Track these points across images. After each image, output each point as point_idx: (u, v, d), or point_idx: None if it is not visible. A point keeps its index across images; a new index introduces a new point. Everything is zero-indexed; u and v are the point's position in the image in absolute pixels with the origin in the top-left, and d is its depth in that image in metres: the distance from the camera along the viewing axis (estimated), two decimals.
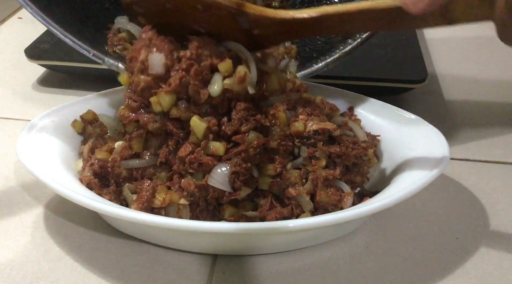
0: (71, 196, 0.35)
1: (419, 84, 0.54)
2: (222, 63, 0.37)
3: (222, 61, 0.37)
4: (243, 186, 0.37)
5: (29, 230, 0.41)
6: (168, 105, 0.38)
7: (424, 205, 0.43)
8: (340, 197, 0.37)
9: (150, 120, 0.38)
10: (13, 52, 0.67)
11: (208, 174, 0.37)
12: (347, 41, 0.48)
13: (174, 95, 0.38)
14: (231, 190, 0.37)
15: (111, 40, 0.47)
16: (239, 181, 0.37)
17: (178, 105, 0.38)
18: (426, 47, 0.70)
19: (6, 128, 0.54)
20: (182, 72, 0.37)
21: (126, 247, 0.39)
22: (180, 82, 0.37)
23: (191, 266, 0.38)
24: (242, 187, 0.37)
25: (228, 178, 0.37)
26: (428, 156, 0.39)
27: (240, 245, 0.38)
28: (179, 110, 0.38)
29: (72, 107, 0.45)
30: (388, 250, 0.39)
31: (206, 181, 0.37)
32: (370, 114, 0.46)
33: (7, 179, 0.46)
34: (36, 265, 0.38)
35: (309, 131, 0.38)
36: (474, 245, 0.40)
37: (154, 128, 0.39)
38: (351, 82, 0.54)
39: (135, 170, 0.39)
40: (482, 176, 0.47)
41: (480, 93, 0.60)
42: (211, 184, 0.37)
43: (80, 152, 0.42)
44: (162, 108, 0.38)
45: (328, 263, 0.38)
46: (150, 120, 0.38)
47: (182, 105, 0.38)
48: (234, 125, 0.38)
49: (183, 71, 0.37)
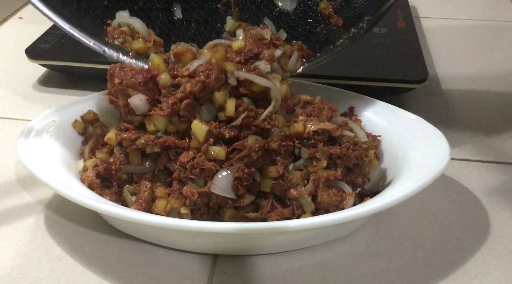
0: (72, 196, 0.35)
1: (420, 85, 0.54)
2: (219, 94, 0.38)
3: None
4: (246, 192, 0.37)
5: (30, 230, 0.41)
6: (163, 127, 0.39)
7: (425, 205, 0.43)
8: (341, 197, 0.37)
9: (149, 143, 0.38)
10: (14, 52, 0.68)
11: (210, 179, 0.37)
12: (350, 30, 0.47)
13: (168, 118, 0.39)
14: (235, 197, 0.37)
15: (112, 33, 0.46)
16: (242, 187, 0.37)
17: (171, 121, 0.39)
18: (426, 47, 0.70)
19: (6, 128, 0.54)
20: (175, 99, 0.38)
21: (127, 247, 0.39)
22: (172, 109, 0.38)
23: (191, 266, 0.38)
24: (246, 195, 0.37)
25: (231, 184, 0.36)
26: (429, 156, 0.39)
27: (241, 245, 0.38)
28: (174, 125, 0.39)
29: (73, 107, 0.45)
30: (389, 250, 0.39)
31: (209, 188, 0.37)
32: (370, 115, 0.45)
33: (7, 179, 0.46)
34: (36, 265, 0.38)
35: (308, 132, 0.38)
36: (475, 245, 0.40)
37: (152, 151, 0.39)
38: (352, 83, 0.54)
39: (135, 174, 0.40)
40: (482, 176, 0.47)
41: (481, 94, 0.60)
42: (214, 191, 0.36)
43: (81, 152, 0.42)
44: (157, 128, 0.39)
45: (329, 263, 0.38)
46: (148, 143, 0.38)
47: (175, 119, 0.39)
48: (234, 131, 0.38)
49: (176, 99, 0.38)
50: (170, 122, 0.39)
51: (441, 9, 0.83)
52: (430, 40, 0.72)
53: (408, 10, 0.71)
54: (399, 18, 0.68)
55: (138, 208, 0.38)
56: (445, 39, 0.73)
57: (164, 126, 0.39)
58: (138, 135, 0.39)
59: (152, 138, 0.38)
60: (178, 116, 0.39)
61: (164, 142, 0.38)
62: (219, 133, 0.38)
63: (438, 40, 0.72)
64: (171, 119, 0.39)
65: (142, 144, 0.38)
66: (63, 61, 0.58)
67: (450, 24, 0.78)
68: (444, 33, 0.74)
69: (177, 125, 0.39)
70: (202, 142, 0.37)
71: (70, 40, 0.60)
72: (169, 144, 0.38)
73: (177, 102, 0.38)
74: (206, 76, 0.38)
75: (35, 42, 0.61)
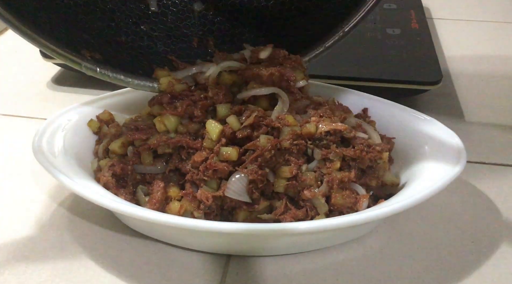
0: (90, 196, 0.35)
1: (434, 86, 0.54)
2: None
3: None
4: (261, 197, 0.37)
5: (45, 228, 0.41)
6: (174, 126, 0.39)
7: (439, 208, 0.43)
8: (355, 199, 0.37)
9: (161, 143, 0.39)
10: (28, 51, 0.68)
11: (223, 181, 0.37)
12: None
13: (179, 118, 0.40)
14: (250, 200, 0.37)
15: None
16: (257, 190, 0.37)
17: (182, 123, 0.40)
18: (440, 48, 0.69)
19: (21, 127, 0.54)
20: (189, 101, 0.40)
21: (141, 246, 0.39)
22: (186, 108, 0.39)
23: (204, 266, 0.38)
24: (261, 200, 0.37)
25: (246, 188, 0.36)
26: (444, 159, 0.39)
27: (254, 246, 0.38)
28: (184, 126, 0.39)
29: (88, 106, 0.45)
30: (403, 253, 0.39)
31: (223, 192, 0.37)
32: (384, 116, 0.45)
33: (22, 178, 0.47)
34: (51, 263, 0.38)
35: (320, 133, 0.38)
36: (490, 249, 0.39)
37: (164, 152, 0.39)
38: (365, 84, 0.54)
39: (148, 174, 0.40)
40: (497, 179, 0.47)
41: (496, 95, 0.59)
42: (228, 195, 0.36)
43: (95, 151, 0.43)
44: (167, 129, 0.39)
45: (342, 265, 0.38)
46: (160, 143, 0.39)
47: (185, 120, 0.40)
48: (246, 131, 0.38)
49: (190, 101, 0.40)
50: (181, 123, 0.40)
51: (455, 10, 0.82)
52: (444, 42, 0.71)
53: (421, 11, 0.70)
54: (413, 19, 0.67)
55: (151, 207, 0.38)
56: (459, 40, 0.72)
57: (175, 126, 0.39)
58: (149, 135, 0.40)
59: (164, 139, 0.39)
60: (188, 118, 0.40)
61: (177, 142, 0.39)
62: (232, 133, 0.38)
63: (452, 41, 0.72)
64: (181, 121, 0.40)
65: (154, 144, 0.39)
66: None
67: (464, 25, 0.77)
68: (458, 35, 0.74)
69: (187, 126, 0.39)
70: (215, 140, 0.38)
71: None
72: (182, 144, 0.39)
73: (191, 104, 0.39)
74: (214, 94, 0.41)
75: None
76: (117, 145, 0.40)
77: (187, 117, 0.40)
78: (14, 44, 0.71)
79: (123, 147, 0.40)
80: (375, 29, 0.64)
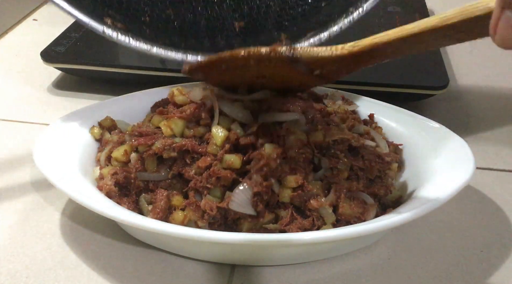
0: (92, 205, 0.35)
1: (440, 91, 0.53)
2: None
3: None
4: (266, 209, 0.36)
5: (45, 237, 0.40)
6: (180, 130, 0.39)
7: (448, 216, 0.42)
8: (363, 209, 0.36)
9: (166, 147, 0.38)
10: (29, 55, 0.67)
11: (227, 189, 0.37)
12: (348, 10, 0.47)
13: (186, 121, 0.39)
14: (255, 213, 0.36)
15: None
16: (262, 202, 0.36)
17: (187, 126, 0.39)
18: (447, 53, 0.68)
19: (22, 132, 0.53)
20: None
21: (144, 256, 0.39)
22: (194, 112, 0.39)
23: (208, 275, 0.37)
24: (266, 213, 0.36)
25: (250, 201, 0.36)
26: (453, 166, 0.38)
27: (259, 256, 0.38)
28: (190, 130, 0.39)
29: (90, 111, 0.44)
30: (411, 263, 0.38)
31: (227, 204, 0.36)
32: (391, 122, 0.45)
33: (23, 185, 0.46)
34: (52, 273, 0.37)
35: (328, 141, 0.38)
36: (500, 258, 0.39)
37: (169, 156, 0.38)
38: (370, 88, 0.53)
39: (151, 182, 0.39)
40: (506, 186, 0.46)
41: (503, 100, 0.59)
42: (232, 208, 0.36)
43: (97, 159, 0.42)
44: (174, 132, 0.39)
45: (349, 275, 0.37)
46: (165, 147, 0.38)
47: (192, 124, 0.39)
48: (250, 139, 0.37)
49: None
50: (187, 127, 0.39)
51: None
52: (450, 46, 0.70)
53: (427, 15, 0.69)
54: None
55: (154, 217, 0.37)
56: (465, 44, 0.71)
57: (182, 130, 0.39)
58: (154, 141, 0.39)
59: (169, 143, 0.38)
60: (195, 122, 0.39)
61: (183, 145, 0.38)
62: (236, 139, 0.38)
63: (458, 45, 0.71)
64: (188, 125, 0.39)
65: (159, 148, 0.38)
66: (78, 65, 0.58)
67: None
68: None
69: (194, 129, 0.39)
70: (219, 145, 0.37)
71: (85, 43, 0.61)
72: (187, 148, 0.38)
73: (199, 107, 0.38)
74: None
75: (50, 45, 0.61)
76: (120, 152, 0.39)
77: (194, 121, 0.40)
78: (15, 48, 0.71)
79: (126, 154, 0.39)
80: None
